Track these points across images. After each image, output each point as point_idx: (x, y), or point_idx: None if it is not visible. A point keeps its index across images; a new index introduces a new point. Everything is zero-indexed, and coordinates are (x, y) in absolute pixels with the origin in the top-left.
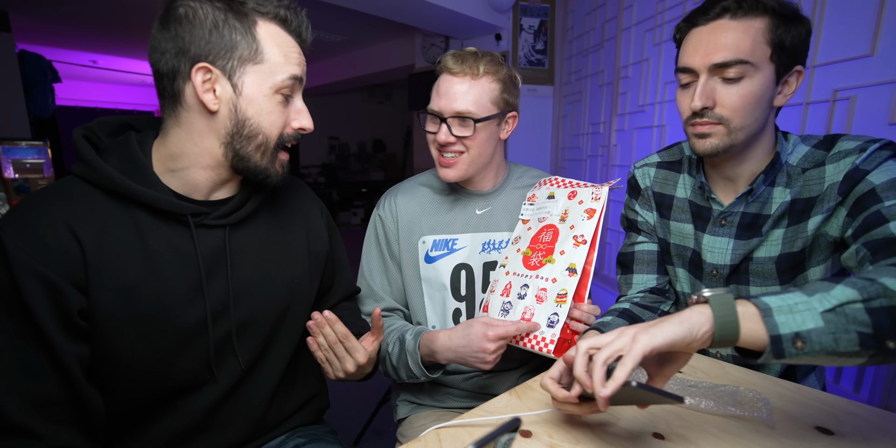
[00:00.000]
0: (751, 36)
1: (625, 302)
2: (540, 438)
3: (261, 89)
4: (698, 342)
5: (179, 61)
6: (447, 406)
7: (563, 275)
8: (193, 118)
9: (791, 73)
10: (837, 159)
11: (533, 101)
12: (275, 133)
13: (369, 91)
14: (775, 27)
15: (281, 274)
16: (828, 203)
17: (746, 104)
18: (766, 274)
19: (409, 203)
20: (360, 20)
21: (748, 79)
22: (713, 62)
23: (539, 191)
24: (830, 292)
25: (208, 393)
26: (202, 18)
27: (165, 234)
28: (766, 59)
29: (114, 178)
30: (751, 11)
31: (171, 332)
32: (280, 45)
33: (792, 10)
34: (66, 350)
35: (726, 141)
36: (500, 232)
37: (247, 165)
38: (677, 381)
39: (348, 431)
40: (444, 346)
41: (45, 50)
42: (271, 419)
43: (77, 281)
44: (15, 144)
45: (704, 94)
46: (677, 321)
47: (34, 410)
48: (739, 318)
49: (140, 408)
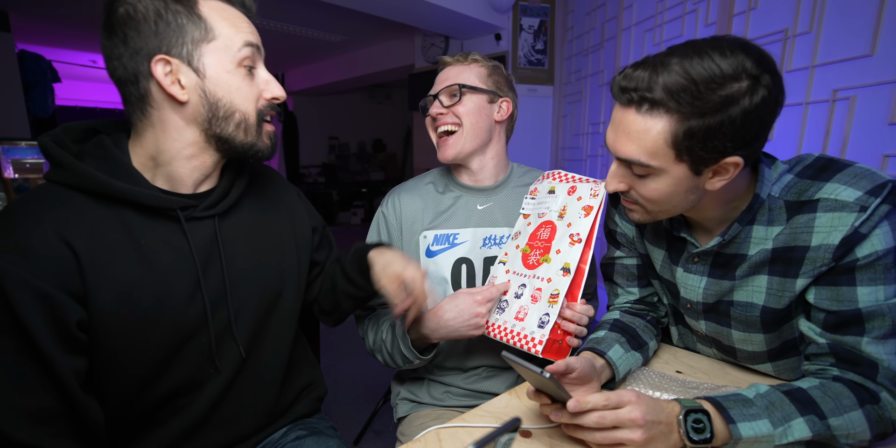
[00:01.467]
0: (651, 137)
1: (615, 311)
2: (540, 438)
3: (223, 66)
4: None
5: (136, 62)
6: (447, 404)
7: (558, 274)
8: (166, 114)
9: (723, 163)
10: (832, 210)
11: (533, 101)
12: (250, 107)
13: (369, 91)
14: (682, 126)
15: (271, 259)
16: (819, 266)
17: (657, 197)
18: (749, 323)
19: (413, 200)
20: (360, 20)
21: (654, 176)
22: (616, 155)
23: (541, 185)
24: (792, 426)
25: (212, 386)
26: (144, 12)
27: (157, 232)
28: (671, 160)
29: (97, 178)
30: (653, 109)
31: (174, 329)
32: (227, 17)
33: (720, 96)
34: (62, 363)
35: (648, 218)
36: (501, 227)
37: (233, 146)
38: (678, 381)
39: (348, 431)
40: (435, 324)
41: (45, 50)
42: (273, 409)
43: (74, 290)
44: (15, 144)
45: (616, 179)
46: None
47: (33, 425)
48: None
49: (146, 408)
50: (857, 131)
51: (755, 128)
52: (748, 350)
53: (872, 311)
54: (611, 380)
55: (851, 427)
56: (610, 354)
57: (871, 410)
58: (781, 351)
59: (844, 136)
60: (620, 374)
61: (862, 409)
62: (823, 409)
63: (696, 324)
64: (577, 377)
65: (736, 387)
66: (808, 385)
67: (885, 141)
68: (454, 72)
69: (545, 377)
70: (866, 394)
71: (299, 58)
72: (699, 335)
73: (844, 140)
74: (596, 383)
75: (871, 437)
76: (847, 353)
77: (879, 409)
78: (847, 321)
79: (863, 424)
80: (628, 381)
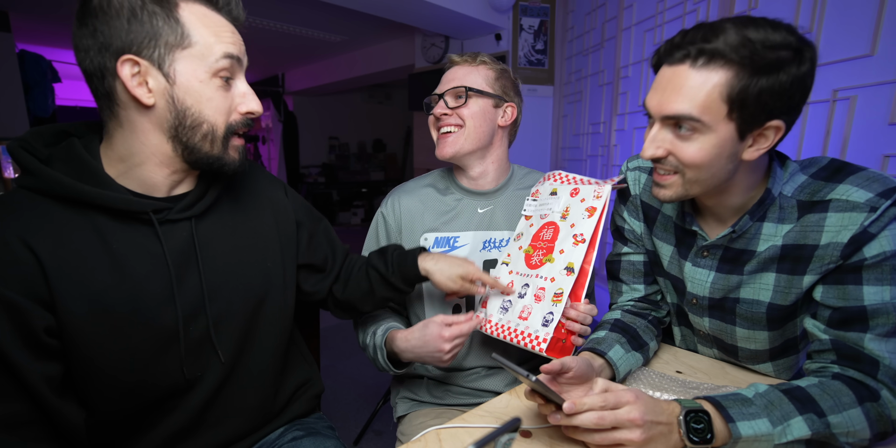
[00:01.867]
0: (706, 91)
1: (616, 310)
2: (540, 438)
3: (196, 75)
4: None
5: (103, 57)
6: (446, 403)
7: (562, 274)
8: (132, 116)
9: (767, 127)
10: (843, 210)
11: (533, 101)
12: (220, 120)
13: (369, 91)
14: (738, 82)
15: (253, 261)
16: (827, 264)
17: (699, 160)
18: (755, 320)
19: (413, 201)
20: (360, 20)
21: (700, 135)
22: (664, 113)
23: (543, 186)
24: (791, 424)
25: (198, 391)
26: (118, 7)
27: (130, 236)
28: (722, 117)
29: (63, 182)
30: (711, 62)
31: (150, 335)
32: (208, 25)
33: (773, 56)
34: (31, 370)
35: (680, 192)
36: (501, 230)
37: (198, 157)
38: (679, 382)
39: (348, 431)
40: (402, 347)
41: (45, 50)
42: (268, 408)
43: (40, 296)
44: None
45: (654, 144)
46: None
47: (4, 432)
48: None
49: (131, 414)
50: (857, 131)
51: (798, 95)
52: (751, 348)
53: (877, 308)
54: (611, 380)
55: (851, 425)
56: (610, 355)
57: (870, 408)
58: (782, 350)
59: (844, 137)
60: (621, 375)
61: (861, 407)
62: (822, 406)
63: (700, 321)
64: (573, 377)
65: (736, 387)
66: (806, 383)
67: (885, 141)
68: (462, 72)
69: (531, 381)
70: (866, 391)
71: (299, 58)
72: (701, 335)
73: (844, 140)
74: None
75: (871, 436)
76: (849, 349)
77: (879, 407)
78: (851, 318)
79: (862, 422)
80: (628, 381)
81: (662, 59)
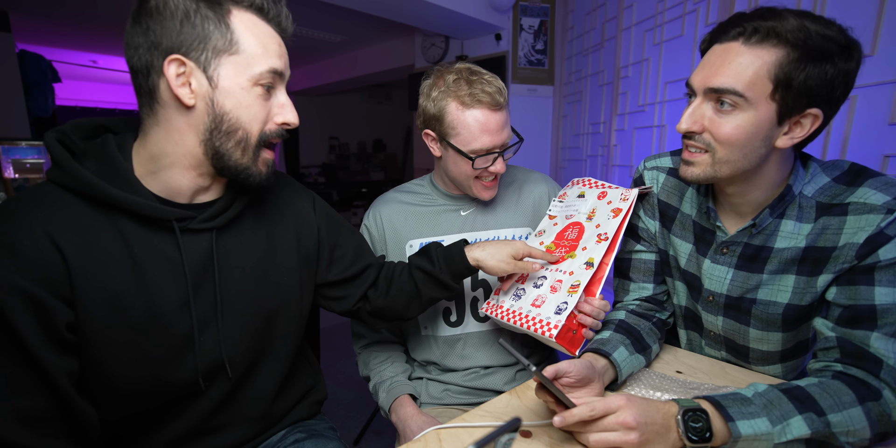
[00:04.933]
0: (755, 67)
1: (620, 310)
2: (540, 438)
3: (238, 81)
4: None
5: (152, 55)
6: (446, 402)
7: (581, 268)
8: (171, 115)
9: (804, 114)
10: (861, 212)
11: (533, 101)
12: (255, 128)
13: (369, 91)
14: (788, 63)
15: (269, 274)
16: (842, 264)
17: (734, 138)
18: (770, 321)
19: (393, 211)
20: (360, 20)
21: (740, 112)
22: (708, 86)
23: (571, 190)
24: (790, 423)
25: (206, 398)
26: (173, 9)
27: (151, 241)
28: (766, 96)
29: (92, 183)
30: (765, 40)
31: (163, 341)
32: (257, 35)
33: (825, 46)
34: (54, 364)
35: (709, 172)
36: (487, 230)
37: (227, 164)
38: (679, 382)
39: (348, 431)
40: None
41: (45, 50)
42: (272, 416)
43: (62, 293)
44: (15, 144)
45: (692, 118)
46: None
47: (25, 427)
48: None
49: (138, 416)
50: (857, 131)
51: (841, 89)
52: (762, 349)
53: (887, 308)
54: (613, 381)
55: (851, 424)
56: (615, 356)
57: (871, 407)
58: (793, 351)
59: (844, 136)
60: (623, 377)
61: (862, 406)
62: (822, 405)
63: (714, 320)
64: (574, 381)
65: (736, 387)
66: (806, 383)
67: (885, 141)
68: (505, 118)
69: (533, 371)
70: (867, 391)
71: (299, 58)
72: (711, 336)
73: (844, 140)
74: (597, 384)
75: (872, 436)
76: (853, 347)
77: (881, 407)
78: (860, 316)
79: (862, 421)
80: (629, 381)
81: (715, 38)
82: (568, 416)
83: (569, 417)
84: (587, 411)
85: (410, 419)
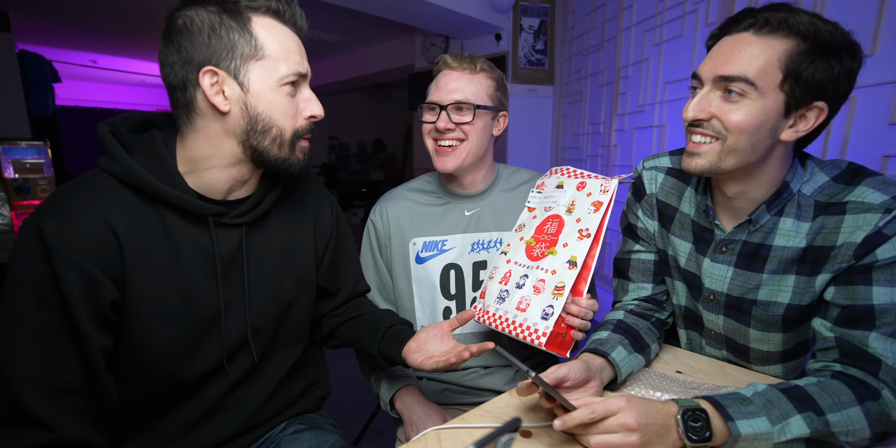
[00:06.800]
0: (765, 56)
1: (619, 310)
2: (540, 438)
3: (267, 83)
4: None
5: (187, 71)
6: (446, 402)
7: (563, 267)
8: (208, 122)
9: (810, 107)
10: (859, 212)
11: (533, 101)
12: (288, 124)
13: (369, 91)
14: (798, 54)
15: (291, 268)
16: (840, 263)
17: (744, 124)
18: (770, 322)
19: (399, 208)
20: (360, 20)
21: (748, 100)
22: (718, 74)
23: (549, 179)
24: (789, 423)
25: (220, 383)
26: (199, 25)
27: (189, 232)
28: (775, 85)
29: (143, 177)
30: (776, 31)
31: (193, 326)
32: (278, 38)
33: (833, 42)
34: (93, 340)
35: (714, 162)
36: (489, 232)
37: (267, 159)
38: (679, 382)
39: (348, 431)
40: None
41: (45, 50)
42: (276, 405)
43: (113, 273)
44: (15, 144)
45: (699, 106)
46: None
47: (50, 400)
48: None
49: (155, 399)
50: (857, 131)
51: (845, 86)
52: (762, 350)
53: (885, 308)
54: (613, 381)
55: (850, 423)
56: (613, 356)
57: (870, 407)
58: (794, 352)
59: (844, 136)
60: (622, 376)
61: (861, 406)
62: (821, 404)
63: (715, 319)
64: (572, 385)
65: (735, 387)
66: (805, 382)
67: (885, 141)
68: (463, 81)
69: (531, 376)
70: (866, 391)
71: None
72: (712, 335)
73: (844, 140)
74: (595, 383)
75: (872, 436)
76: (852, 347)
77: (879, 407)
78: (858, 316)
79: (862, 421)
80: (629, 381)
81: (724, 31)
82: (568, 420)
83: (569, 421)
84: (587, 414)
85: (417, 405)
